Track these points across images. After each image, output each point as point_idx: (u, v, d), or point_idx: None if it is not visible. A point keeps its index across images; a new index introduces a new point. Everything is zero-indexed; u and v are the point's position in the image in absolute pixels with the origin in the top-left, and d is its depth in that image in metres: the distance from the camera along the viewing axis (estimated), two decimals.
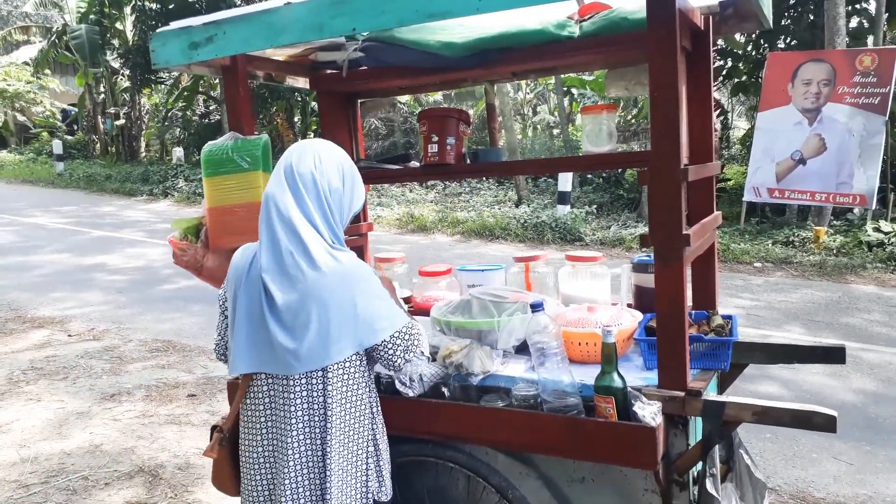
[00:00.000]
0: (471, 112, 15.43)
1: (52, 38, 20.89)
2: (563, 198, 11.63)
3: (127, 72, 18.36)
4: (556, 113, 17.63)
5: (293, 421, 1.79)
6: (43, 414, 4.54)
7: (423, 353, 1.88)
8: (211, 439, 2.01)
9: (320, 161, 1.84)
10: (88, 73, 19.77)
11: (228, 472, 1.99)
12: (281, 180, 1.83)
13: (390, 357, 1.83)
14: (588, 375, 1.98)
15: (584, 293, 2.62)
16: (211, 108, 18.11)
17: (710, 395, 1.87)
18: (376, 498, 1.89)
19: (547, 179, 14.30)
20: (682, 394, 1.85)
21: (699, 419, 1.89)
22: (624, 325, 2.19)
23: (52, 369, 5.37)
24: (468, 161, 2.60)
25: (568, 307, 2.45)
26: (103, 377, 5.24)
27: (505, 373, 2.17)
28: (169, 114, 19.26)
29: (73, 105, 23.55)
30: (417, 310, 2.74)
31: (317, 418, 1.79)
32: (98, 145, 22.04)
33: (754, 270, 8.78)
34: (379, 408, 1.93)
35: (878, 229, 9.44)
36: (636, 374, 2.07)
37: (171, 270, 8.37)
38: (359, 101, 2.95)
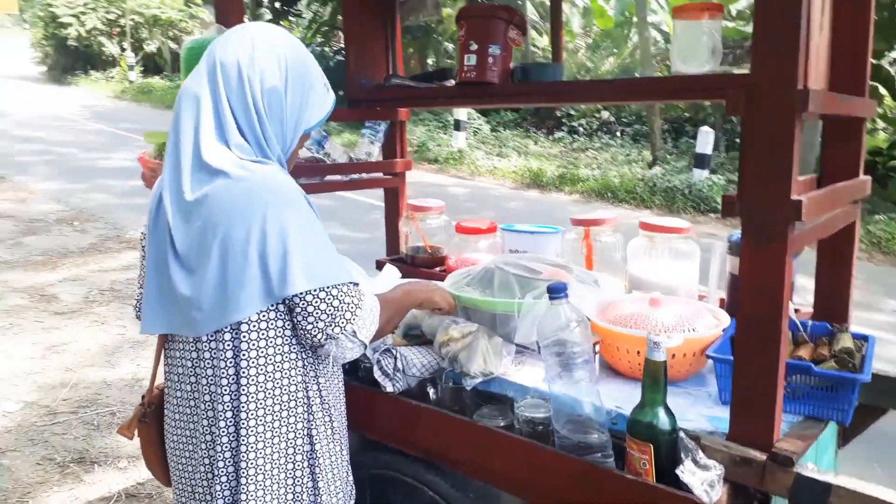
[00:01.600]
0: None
1: None
2: (700, 161, 10.36)
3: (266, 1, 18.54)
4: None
5: (202, 400, 1.34)
6: (101, 338, 4.44)
7: (357, 334, 1.30)
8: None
9: (254, 48, 1.31)
10: None
11: (155, 457, 1.54)
12: (199, 71, 1.33)
13: (306, 323, 1.28)
14: (633, 400, 1.33)
15: (660, 277, 1.91)
16: None
17: (810, 466, 1.16)
18: None
19: (689, 138, 12.92)
20: (762, 456, 1.16)
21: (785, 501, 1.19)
22: (697, 333, 1.50)
23: (128, 293, 5.31)
24: (515, 80, 1.94)
25: (628, 295, 1.77)
26: None
27: (516, 378, 1.56)
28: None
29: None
30: (449, 273, 2.15)
31: (227, 398, 1.31)
32: None
33: None
34: (330, 394, 1.42)
35: None
36: (702, 409, 1.40)
37: None
38: (397, 1, 2.35)
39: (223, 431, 1.31)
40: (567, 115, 14.90)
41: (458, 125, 13.19)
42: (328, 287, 1.26)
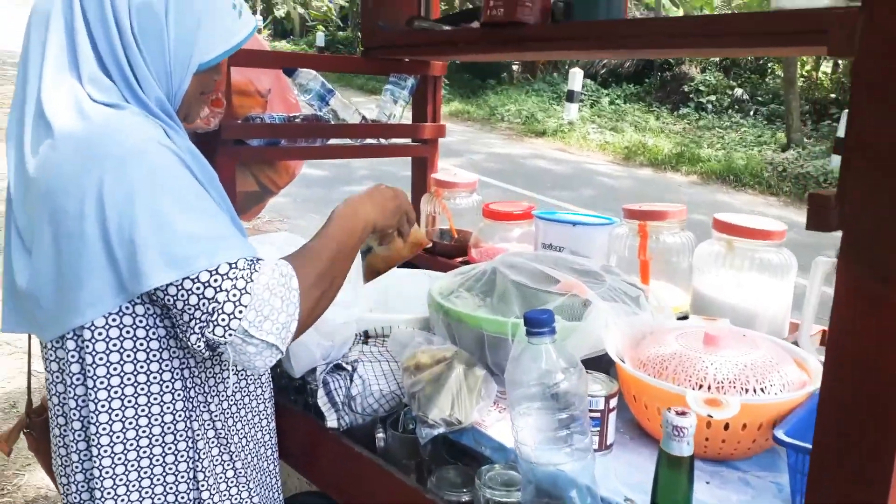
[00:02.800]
0: None
1: None
2: (842, 146, 9.10)
3: None
4: None
5: (55, 423, 1.03)
6: None
7: (252, 331, 0.89)
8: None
9: None
10: None
11: (48, 466, 1.23)
12: None
13: (179, 324, 0.91)
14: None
15: (734, 298, 1.38)
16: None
17: None
18: None
19: (833, 122, 11.48)
20: None
21: None
22: (767, 395, 1.00)
23: None
24: (556, 19, 1.44)
25: (677, 323, 1.26)
26: None
27: (493, 431, 1.11)
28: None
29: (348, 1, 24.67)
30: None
31: (76, 425, 0.98)
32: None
33: None
34: (229, 423, 1.06)
35: None
36: None
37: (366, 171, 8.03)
38: None
39: (76, 468, 0.98)
40: (696, 91, 13.71)
41: (570, 96, 12.44)
42: (197, 273, 0.87)
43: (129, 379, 0.95)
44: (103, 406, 0.94)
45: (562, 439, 0.91)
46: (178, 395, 0.98)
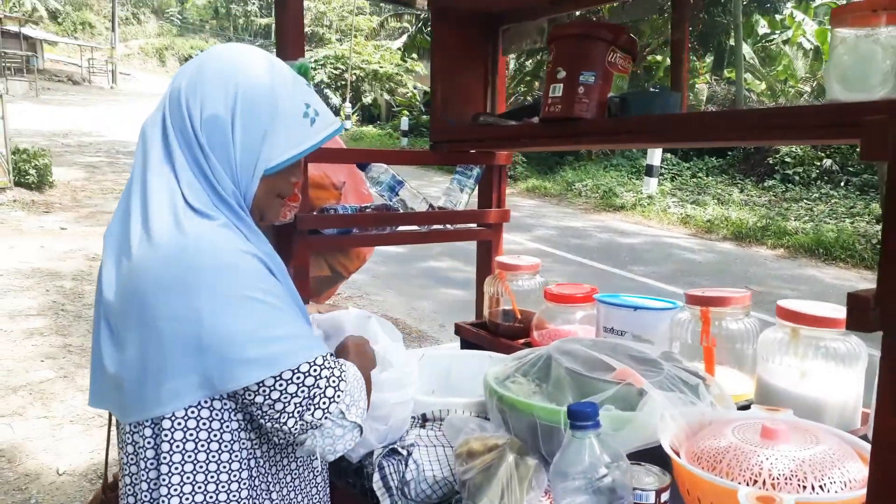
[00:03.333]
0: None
1: (419, 25, 22.94)
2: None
3: None
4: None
5: (122, 497, 1.10)
6: None
7: (346, 413, 1.03)
8: None
9: (199, 72, 1.07)
10: None
11: None
12: (161, 100, 1.11)
13: (273, 413, 1.00)
14: None
15: (799, 388, 1.34)
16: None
17: None
18: None
19: None
20: None
21: None
22: (826, 494, 0.97)
23: None
24: (612, 114, 1.51)
25: (735, 414, 1.24)
26: None
27: None
28: (511, 98, 19.63)
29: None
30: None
31: None
32: None
33: None
34: None
35: None
36: None
37: (440, 248, 8.20)
38: (501, 28, 2.01)
39: None
40: (781, 163, 13.37)
41: (650, 170, 12.40)
42: (295, 368, 0.98)
43: (201, 466, 1.02)
44: (175, 490, 1.01)
45: None
46: (244, 483, 1.04)
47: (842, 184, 12.48)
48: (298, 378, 0.98)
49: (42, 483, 3.07)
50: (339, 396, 1.02)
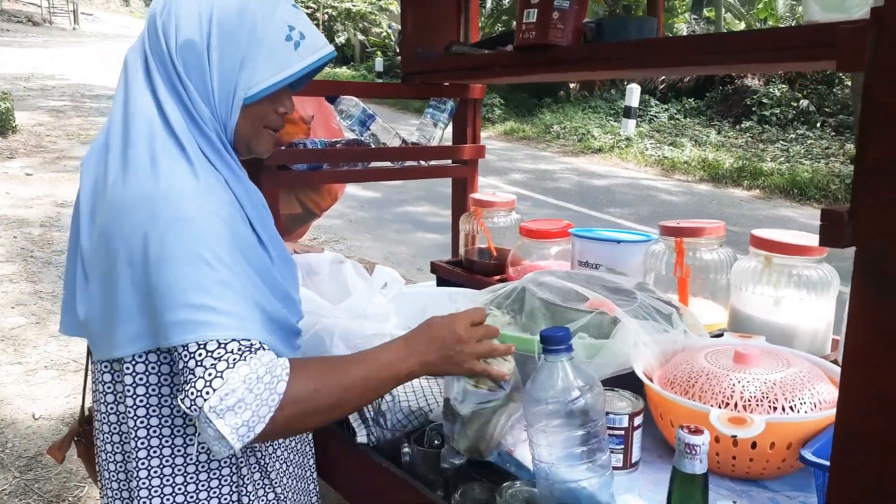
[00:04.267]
0: None
1: None
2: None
3: None
4: None
5: (100, 435, 1.08)
6: None
7: (210, 417, 0.86)
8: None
9: None
10: None
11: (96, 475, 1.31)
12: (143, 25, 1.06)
13: (183, 382, 0.90)
14: None
15: (771, 316, 1.35)
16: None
17: None
18: None
19: None
20: None
21: None
22: (794, 414, 0.98)
23: None
24: (588, 40, 1.46)
25: (708, 341, 1.25)
26: None
27: (517, 451, 1.12)
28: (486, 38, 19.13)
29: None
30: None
31: (117, 456, 1.05)
32: None
33: None
34: (267, 448, 1.10)
35: None
36: None
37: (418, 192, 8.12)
38: None
39: (115, 496, 1.05)
40: (759, 104, 13.35)
41: (628, 112, 12.32)
42: (187, 343, 0.89)
43: (165, 400, 1.00)
44: (142, 422, 1.00)
45: (580, 456, 0.92)
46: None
47: (818, 125, 12.52)
48: (186, 356, 0.88)
49: (18, 428, 3.05)
50: (206, 393, 0.85)
